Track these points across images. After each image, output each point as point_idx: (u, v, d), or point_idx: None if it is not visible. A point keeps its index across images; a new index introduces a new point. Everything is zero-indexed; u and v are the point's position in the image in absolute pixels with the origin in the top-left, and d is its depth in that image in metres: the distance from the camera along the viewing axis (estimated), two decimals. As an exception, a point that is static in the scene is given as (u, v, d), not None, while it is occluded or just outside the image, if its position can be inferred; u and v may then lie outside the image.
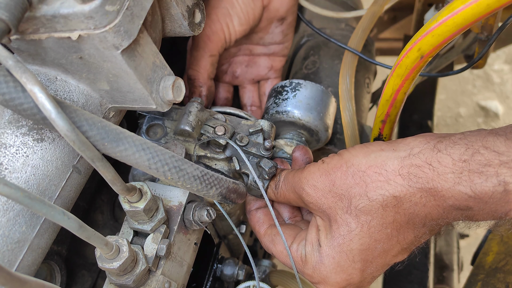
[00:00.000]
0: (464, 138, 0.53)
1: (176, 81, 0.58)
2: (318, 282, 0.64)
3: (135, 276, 0.57)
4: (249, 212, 0.73)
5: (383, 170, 0.56)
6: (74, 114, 0.48)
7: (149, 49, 0.56)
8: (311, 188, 0.62)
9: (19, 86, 0.45)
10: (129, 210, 0.57)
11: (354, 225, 0.59)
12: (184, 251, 0.66)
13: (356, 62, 0.88)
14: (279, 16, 0.88)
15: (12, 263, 0.52)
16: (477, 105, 2.48)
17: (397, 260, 0.62)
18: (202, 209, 0.65)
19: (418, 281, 1.10)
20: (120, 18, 0.48)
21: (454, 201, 0.53)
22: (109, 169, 0.50)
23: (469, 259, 1.06)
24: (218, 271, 0.80)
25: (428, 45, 0.55)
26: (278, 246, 0.68)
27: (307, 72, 0.98)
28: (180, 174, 0.54)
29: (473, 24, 0.52)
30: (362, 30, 0.89)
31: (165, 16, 0.63)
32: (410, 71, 0.59)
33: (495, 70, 2.51)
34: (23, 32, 0.50)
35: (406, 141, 0.58)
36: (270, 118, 0.79)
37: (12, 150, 0.53)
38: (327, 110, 0.79)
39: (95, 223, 0.86)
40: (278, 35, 0.91)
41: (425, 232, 0.59)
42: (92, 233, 0.49)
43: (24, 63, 0.56)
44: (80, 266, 0.83)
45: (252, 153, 0.71)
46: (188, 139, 0.73)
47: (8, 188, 0.40)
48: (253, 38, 0.91)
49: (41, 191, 0.54)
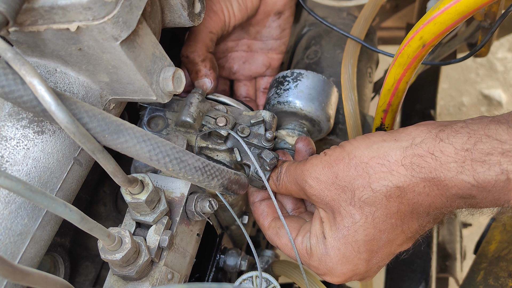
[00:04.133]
0: (466, 126, 0.53)
1: (176, 72, 0.58)
2: (324, 274, 0.65)
3: (138, 267, 0.57)
4: (253, 204, 0.73)
5: (385, 161, 0.56)
6: (74, 106, 0.48)
7: (148, 40, 0.55)
8: (314, 180, 0.62)
9: (18, 78, 0.45)
10: (131, 202, 0.57)
11: (358, 217, 0.59)
12: (187, 242, 0.66)
13: (358, 52, 0.88)
14: (276, 10, 0.87)
15: (15, 256, 0.52)
16: (480, 93, 2.47)
17: (402, 249, 0.63)
18: (204, 200, 0.65)
19: (421, 270, 1.10)
20: (118, 9, 0.48)
21: (457, 190, 0.53)
22: (110, 161, 0.50)
23: (471, 248, 1.06)
24: (221, 261, 0.81)
25: (430, 34, 0.55)
26: (282, 239, 0.68)
27: (308, 62, 0.98)
28: (181, 166, 0.54)
29: (476, 11, 0.51)
30: (364, 19, 0.89)
31: (164, 6, 0.62)
32: (412, 60, 0.59)
33: (499, 59, 2.49)
34: (21, 24, 0.49)
35: (408, 130, 0.57)
36: (271, 109, 0.79)
37: (13, 142, 0.53)
38: (329, 100, 0.79)
39: (98, 215, 0.86)
40: (275, 29, 0.90)
41: (429, 221, 0.59)
42: (94, 225, 0.49)
43: (23, 55, 0.56)
44: (83, 258, 0.84)
45: (253, 144, 0.71)
46: (189, 130, 0.73)
47: (9, 181, 0.40)
48: (251, 31, 0.90)
49: (43, 183, 0.54)
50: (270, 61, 0.94)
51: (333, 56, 0.97)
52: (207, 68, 0.79)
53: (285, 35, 0.93)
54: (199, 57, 0.79)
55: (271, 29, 0.90)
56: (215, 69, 0.80)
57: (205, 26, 0.79)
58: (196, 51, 0.79)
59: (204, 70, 0.79)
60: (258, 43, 0.93)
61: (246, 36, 0.91)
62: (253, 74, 0.94)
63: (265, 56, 0.93)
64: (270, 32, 0.91)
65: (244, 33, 0.90)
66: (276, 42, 0.92)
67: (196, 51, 0.79)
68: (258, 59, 0.93)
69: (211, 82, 0.79)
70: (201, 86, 0.79)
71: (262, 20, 0.89)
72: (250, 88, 0.95)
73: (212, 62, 0.81)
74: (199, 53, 0.79)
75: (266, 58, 0.94)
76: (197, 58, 0.79)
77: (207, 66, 0.79)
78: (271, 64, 0.94)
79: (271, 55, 0.94)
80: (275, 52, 0.94)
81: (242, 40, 0.92)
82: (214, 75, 0.80)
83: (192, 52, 0.79)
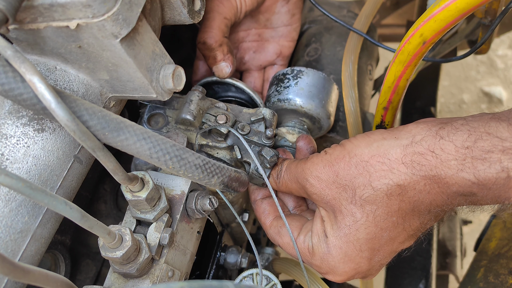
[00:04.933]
0: (466, 124, 0.53)
1: (176, 69, 0.58)
2: (326, 273, 0.65)
3: (139, 265, 0.57)
4: (254, 202, 0.73)
5: (386, 159, 0.56)
6: (74, 104, 0.48)
7: (148, 37, 0.55)
8: (315, 179, 0.62)
9: (18, 76, 0.45)
10: (131, 200, 0.57)
11: (360, 215, 0.59)
12: (187, 239, 0.66)
13: (359, 49, 0.88)
14: None
15: (16, 253, 0.52)
16: (481, 91, 2.47)
17: (404, 246, 0.63)
18: (205, 198, 0.65)
19: (421, 268, 1.10)
20: (118, 6, 0.48)
21: (458, 188, 0.53)
22: (110, 159, 0.50)
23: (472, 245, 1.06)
24: (222, 259, 0.81)
25: (431, 31, 0.55)
26: (284, 238, 0.68)
27: (309, 59, 0.98)
28: (181, 163, 0.54)
29: (476, 8, 0.51)
30: (365, 16, 0.89)
31: (164, 4, 0.62)
32: (412, 57, 0.58)
33: (499, 56, 2.48)
34: (21, 21, 0.49)
35: (408, 128, 0.57)
36: (271, 106, 0.79)
37: (13, 140, 0.53)
38: (329, 97, 0.78)
39: (98, 212, 0.86)
40: (285, 15, 0.90)
41: (430, 218, 0.59)
42: (95, 223, 0.49)
43: (23, 53, 0.56)
44: (84, 255, 0.84)
45: (253, 142, 0.71)
46: (189, 128, 0.73)
47: (9, 179, 0.40)
48: (260, 19, 0.90)
49: (43, 181, 0.54)
50: (281, 49, 0.93)
51: (334, 54, 0.97)
52: (224, 53, 0.79)
53: (295, 21, 0.92)
54: (216, 42, 0.78)
55: (281, 15, 0.90)
56: (232, 53, 0.81)
57: (218, 12, 0.79)
58: (213, 36, 0.78)
59: (222, 55, 0.79)
60: (268, 31, 0.92)
61: (256, 25, 0.91)
62: (262, 63, 0.94)
63: (276, 44, 0.93)
64: (280, 18, 0.90)
65: (254, 22, 0.90)
66: (286, 29, 0.92)
67: (213, 36, 0.78)
68: (269, 47, 0.93)
69: (229, 67, 0.79)
70: (220, 71, 0.79)
71: (271, 6, 0.88)
72: (258, 80, 0.95)
73: (229, 46, 0.80)
74: (216, 39, 0.78)
75: (277, 46, 0.93)
76: (214, 44, 0.78)
77: (224, 51, 0.79)
78: (282, 52, 0.93)
79: (282, 42, 0.93)
80: (286, 40, 0.93)
81: (252, 30, 0.91)
82: (232, 59, 0.80)
83: (209, 37, 0.78)
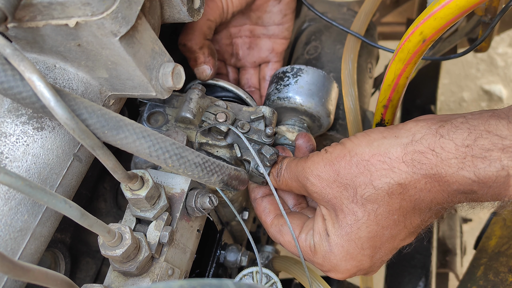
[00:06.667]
0: (466, 122, 0.53)
1: (175, 67, 0.58)
2: (328, 271, 0.65)
3: (138, 263, 0.57)
4: (254, 200, 0.73)
5: (386, 158, 0.56)
6: (74, 102, 0.48)
7: (147, 35, 0.55)
8: (315, 178, 0.62)
9: (17, 74, 0.45)
10: (131, 198, 0.57)
11: (361, 214, 0.59)
12: (187, 238, 0.66)
13: (358, 47, 0.88)
14: None
15: (15, 252, 0.52)
16: (481, 89, 2.47)
17: (405, 243, 0.63)
18: (204, 196, 0.65)
19: (421, 266, 1.10)
20: (117, 4, 0.47)
21: (458, 186, 0.53)
22: (110, 157, 0.50)
23: (472, 243, 1.06)
24: (222, 257, 0.81)
25: (430, 29, 0.54)
26: (286, 236, 0.68)
27: (308, 57, 0.98)
28: (181, 162, 0.54)
29: (476, 6, 0.51)
30: (364, 14, 0.88)
31: (163, 1, 0.62)
32: (412, 55, 0.58)
33: (499, 54, 2.48)
34: (20, 19, 0.49)
35: (407, 126, 0.57)
36: (271, 105, 0.78)
37: (12, 139, 0.53)
38: (329, 95, 0.78)
39: (98, 211, 0.86)
40: (276, 14, 0.89)
41: (431, 215, 0.59)
42: (95, 221, 0.49)
43: (22, 51, 0.56)
44: (84, 254, 0.84)
45: (253, 140, 0.71)
46: (189, 126, 0.73)
47: (9, 177, 0.40)
48: (252, 17, 0.90)
49: (42, 179, 0.54)
50: (273, 45, 0.93)
51: (333, 52, 0.96)
52: (205, 55, 0.79)
53: (287, 21, 0.91)
54: (197, 45, 0.79)
55: (272, 14, 0.89)
56: (213, 56, 0.80)
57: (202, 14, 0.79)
58: (194, 39, 0.79)
59: (203, 57, 0.79)
60: (260, 29, 0.92)
61: (248, 22, 0.91)
62: (257, 60, 0.94)
63: (269, 40, 0.93)
64: (272, 18, 0.90)
65: (246, 18, 0.90)
66: (278, 28, 0.91)
67: (194, 39, 0.79)
68: (261, 44, 0.93)
69: (210, 69, 0.79)
70: (201, 73, 0.79)
71: (262, 5, 0.88)
72: (254, 77, 0.95)
73: (210, 48, 0.80)
74: (197, 41, 0.79)
75: (269, 43, 0.93)
76: (195, 46, 0.79)
77: (205, 53, 0.79)
78: (275, 48, 0.93)
79: (274, 40, 0.93)
80: (278, 38, 0.93)
81: (244, 26, 0.91)
82: (213, 61, 0.80)
83: (189, 40, 0.79)
